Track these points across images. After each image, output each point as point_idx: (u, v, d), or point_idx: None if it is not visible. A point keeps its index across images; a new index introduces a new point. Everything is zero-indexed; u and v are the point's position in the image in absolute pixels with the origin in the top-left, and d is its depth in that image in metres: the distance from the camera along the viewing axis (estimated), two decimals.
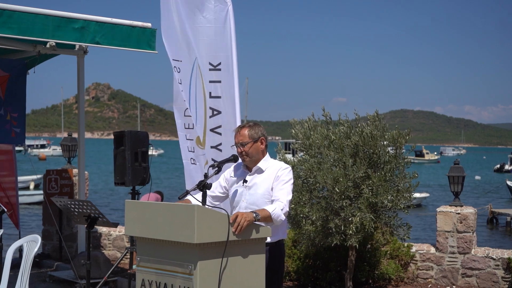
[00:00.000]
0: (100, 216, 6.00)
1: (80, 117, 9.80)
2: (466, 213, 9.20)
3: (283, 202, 4.84)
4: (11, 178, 11.04)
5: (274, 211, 4.73)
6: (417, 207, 30.11)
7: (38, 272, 10.26)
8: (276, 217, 4.75)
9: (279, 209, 4.77)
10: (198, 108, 7.48)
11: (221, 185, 5.22)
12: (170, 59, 7.44)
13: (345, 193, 7.73)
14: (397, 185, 8.12)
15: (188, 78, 7.44)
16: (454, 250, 9.24)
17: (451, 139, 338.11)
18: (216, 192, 5.19)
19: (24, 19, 7.12)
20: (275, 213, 4.74)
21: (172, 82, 7.59)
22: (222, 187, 5.21)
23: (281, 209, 4.79)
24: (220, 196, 5.21)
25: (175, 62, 7.41)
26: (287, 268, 9.36)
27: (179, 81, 7.45)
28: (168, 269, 4.27)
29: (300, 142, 8.27)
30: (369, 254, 9.16)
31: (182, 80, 7.44)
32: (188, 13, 7.40)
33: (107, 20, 7.76)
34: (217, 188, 5.22)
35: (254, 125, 5.14)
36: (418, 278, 9.40)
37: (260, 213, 4.59)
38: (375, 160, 8.14)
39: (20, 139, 9.61)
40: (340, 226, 7.77)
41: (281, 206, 4.81)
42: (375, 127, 8.19)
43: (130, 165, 8.31)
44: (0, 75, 9.13)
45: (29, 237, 6.45)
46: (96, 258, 9.33)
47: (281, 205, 4.81)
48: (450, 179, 9.56)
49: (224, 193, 5.21)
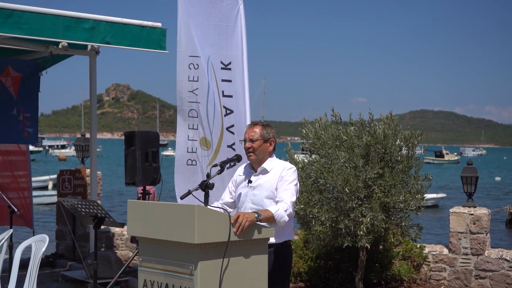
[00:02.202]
0: (107, 216, 6.01)
1: (92, 118, 9.83)
2: (480, 214, 9.10)
3: (287, 203, 4.79)
4: (26, 178, 11.13)
5: (277, 212, 4.69)
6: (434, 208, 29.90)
7: (51, 272, 10.31)
8: (279, 218, 4.70)
9: (282, 210, 4.72)
10: (216, 106, 7.44)
11: (230, 191, 5.20)
12: (185, 56, 7.39)
13: (355, 194, 7.68)
14: (409, 186, 8.05)
15: (205, 75, 7.41)
16: (467, 252, 9.14)
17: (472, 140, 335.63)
18: (226, 199, 5.18)
19: (34, 20, 7.16)
20: (278, 214, 4.69)
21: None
22: (231, 192, 5.18)
23: (284, 210, 4.73)
24: (231, 202, 5.17)
25: (192, 58, 7.38)
26: (298, 269, 9.31)
27: (194, 79, 7.40)
28: (169, 270, 4.25)
29: (311, 142, 8.22)
30: (381, 255, 9.09)
31: (199, 77, 7.40)
32: (201, 10, 7.38)
33: (117, 20, 7.77)
34: (226, 195, 5.21)
35: (267, 125, 5.13)
36: (431, 279, 9.31)
37: (263, 214, 4.55)
38: (386, 160, 8.08)
39: (32, 139, 9.68)
40: (350, 227, 7.72)
41: (285, 207, 4.76)
42: (388, 126, 8.13)
43: (140, 165, 8.32)
44: (13, 76, 9.19)
45: (37, 237, 6.47)
46: (108, 258, 9.34)
47: (285, 206, 4.76)
48: (463, 179, 9.46)
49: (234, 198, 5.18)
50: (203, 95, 7.41)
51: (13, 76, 9.17)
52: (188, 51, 7.40)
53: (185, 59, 7.45)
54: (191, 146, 7.47)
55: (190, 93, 7.47)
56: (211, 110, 7.41)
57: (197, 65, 7.40)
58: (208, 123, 7.46)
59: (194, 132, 7.48)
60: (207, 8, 7.43)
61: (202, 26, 7.41)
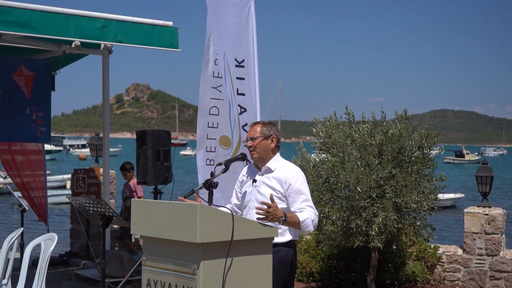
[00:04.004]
0: (115, 215, 6.00)
1: (105, 117, 9.83)
2: (495, 214, 8.99)
3: (314, 213, 4.83)
4: (42, 177, 11.20)
5: (304, 220, 4.72)
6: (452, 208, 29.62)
7: (65, 270, 10.34)
8: (305, 227, 4.74)
9: (310, 220, 4.75)
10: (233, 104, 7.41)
11: (237, 192, 5.18)
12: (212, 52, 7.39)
13: (367, 193, 7.61)
14: (422, 186, 7.97)
15: (223, 73, 7.39)
16: (482, 252, 9.03)
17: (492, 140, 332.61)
18: (234, 201, 5.18)
19: (45, 19, 7.18)
20: (305, 223, 4.73)
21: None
22: (238, 194, 5.16)
23: (311, 220, 4.77)
24: (239, 204, 5.15)
25: (216, 55, 7.37)
26: (311, 269, 9.26)
27: (219, 75, 7.38)
28: (172, 269, 4.21)
29: (322, 140, 8.17)
30: (394, 255, 9.00)
31: (220, 73, 7.39)
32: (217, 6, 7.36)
33: (129, 19, 7.77)
34: (234, 198, 5.20)
35: (268, 123, 5.10)
36: (445, 280, 9.21)
37: (289, 219, 4.62)
38: (400, 160, 8.00)
39: (45, 137, 9.70)
40: (362, 227, 7.65)
41: (313, 217, 4.80)
42: (405, 126, 8.05)
43: (152, 164, 8.30)
44: (26, 75, 9.22)
45: (46, 236, 6.48)
46: (120, 257, 9.35)
47: (313, 216, 4.80)
48: (478, 179, 9.35)
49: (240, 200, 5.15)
50: (225, 92, 7.38)
51: (26, 75, 9.20)
52: (213, 47, 7.38)
53: (211, 54, 7.43)
54: (209, 145, 7.44)
55: (214, 89, 7.44)
56: (232, 108, 7.37)
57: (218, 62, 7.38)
58: (230, 121, 7.42)
59: (213, 130, 7.44)
60: (224, 4, 7.40)
61: (220, 22, 7.38)
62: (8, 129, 9.22)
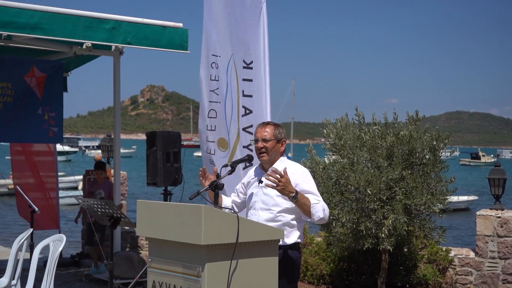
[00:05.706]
0: (122, 216, 5.99)
1: (116, 118, 9.86)
2: (507, 217, 8.90)
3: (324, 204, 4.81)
4: (53, 179, 11.26)
5: (316, 205, 4.71)
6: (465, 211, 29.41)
7: (76, 271, 10.37)
8: (315, 211, 4.70)
9: (321, 206, 4.73)
10: (233, 107, 7.40)
11: (238, 192, 5.18)
12: (209, 55, 7.37)
13: (377, 195, 7.56)
14: (431, 188, 7.91)
15: (224, 75, 7.37)
16: (494, 255, 8.94)
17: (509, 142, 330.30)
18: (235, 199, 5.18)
19: (55, 20, 7.20)
20: (316, 208, 4.70)
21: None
22: (239, 194, 5.16)
23: (323, 208, 4.74)
24: (239, 202, 5.16)
25: (214, 57, 7.35)
26: (321, 271, 9.22)
27: (216, 78, 7.37)
28: (177, 271, 4.19)
29: (332, 142, 8.13)
30: (405, 258, 8.94)
31: (219, 76, 7.37)
32: (226, 7, 7.34)
33: (138, 20, 7.77)
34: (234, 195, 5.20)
35: (279, 125, 5.08)
36: (457, 283, 9.13)
37: (301, 198, 4.63)
38: (411, 161, 7.95)
39: (58, 138, 9.74)
40: (371, 229, 7.61)
41: (324, 206, 4.77)
42: (415, 128, 8.00)
43: (162, 166, 8.31)
44: (37, 76, 9.26)
45: (54, 237, 6.51)
46: (131, 258, 9.35)
47: (324, 206, 4.78)
48: (491, 181, 9.26)
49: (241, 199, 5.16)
50: (222, 95, 7.37)
51: (37, 76, 9.24)
52: (211, 50, 7.36)
53: (208, 58, 7.41)
54: (209, 148, 7.43)
55: (211, 93, 7.43)
56: (229, 110, 7.36)
57: (217, 65, 7.37)
58: (226, 123, 7.41)
59: (211, 133, 7.44)
60: (233, 5, 7.38)
61: (229, 23, 7.36)
62: (20, 130, 9.26)
